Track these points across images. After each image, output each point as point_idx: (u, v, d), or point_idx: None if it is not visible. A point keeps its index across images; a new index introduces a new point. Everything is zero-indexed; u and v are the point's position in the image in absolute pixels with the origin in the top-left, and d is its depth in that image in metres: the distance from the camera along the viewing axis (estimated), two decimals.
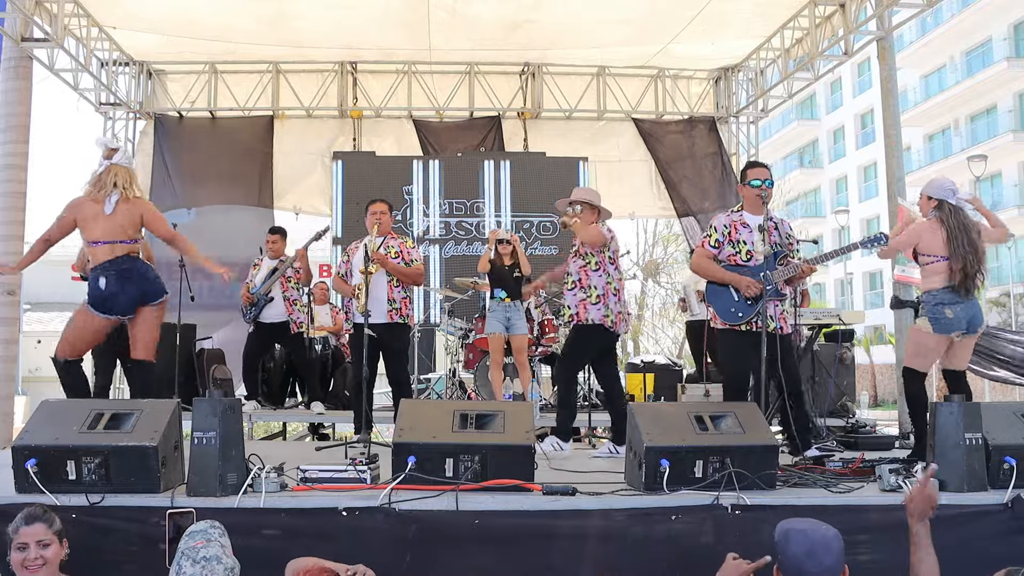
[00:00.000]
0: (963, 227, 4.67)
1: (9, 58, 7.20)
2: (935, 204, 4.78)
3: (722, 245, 4.86)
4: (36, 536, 2.85)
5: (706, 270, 4.93)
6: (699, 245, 5.03)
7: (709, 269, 4.89)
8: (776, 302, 4.76)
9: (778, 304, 4.78)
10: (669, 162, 10.33)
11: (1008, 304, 24.09)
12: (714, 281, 4.89)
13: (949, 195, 4.75)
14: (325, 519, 3.24)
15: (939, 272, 4.67)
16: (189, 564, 2.61)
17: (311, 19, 8.67)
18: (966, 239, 4.62)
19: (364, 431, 5.41)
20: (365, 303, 5.23)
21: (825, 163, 36.48)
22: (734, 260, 4.82)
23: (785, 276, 4.72)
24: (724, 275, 4.81)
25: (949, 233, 4.65)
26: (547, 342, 7.95)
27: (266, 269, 7.39)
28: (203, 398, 3.44)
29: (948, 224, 4.67)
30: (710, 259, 4.88)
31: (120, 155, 4.78)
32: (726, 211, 5.10)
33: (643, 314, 25.87)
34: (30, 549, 2.84)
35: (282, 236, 7.64)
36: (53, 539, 2.88)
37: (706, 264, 4.90)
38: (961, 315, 4.63)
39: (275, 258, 7.48)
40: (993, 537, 3.38)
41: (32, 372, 20.95)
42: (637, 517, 3.31)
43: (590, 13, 8.54)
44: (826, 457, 4.42)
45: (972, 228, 4.70)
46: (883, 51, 7.75)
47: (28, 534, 2.85)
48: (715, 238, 4.88)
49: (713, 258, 4.87)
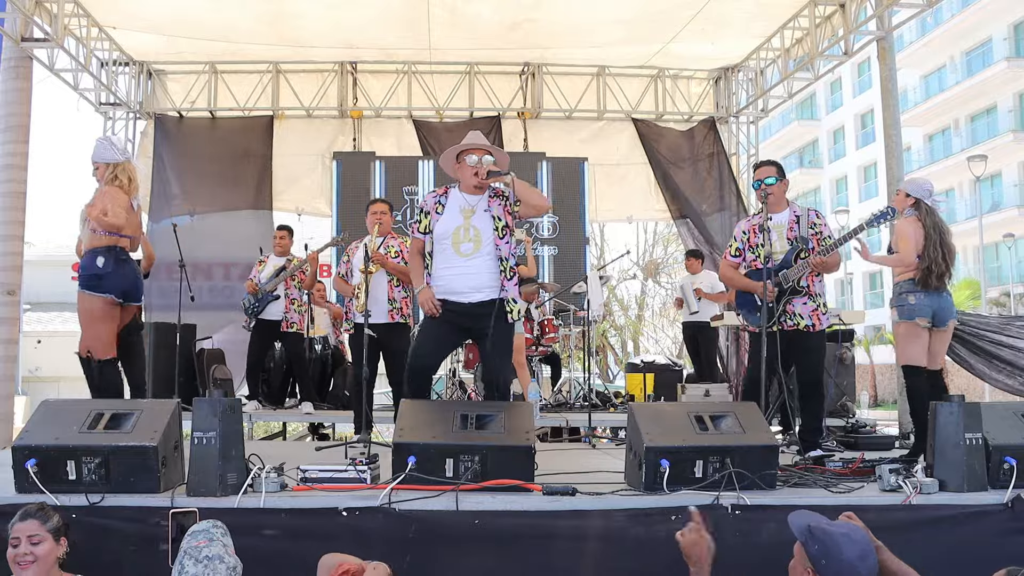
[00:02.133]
0: (938, 227, 4.81)
1: (9, 58, 7.19)
2: (912, 202, 4.88)
3: (743, 253, 4.95)
4: (27, 532, 2.87)
5: (730, 280, 5.09)
6: (724, 256, 5.15)
7: (733, 279, 5.02)
8: (803, 300, 4.78)
9: (805, 301, 4.80)
10: (667, 163, 10.32)
11: (1008, 304, 24.10)
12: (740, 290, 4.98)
13: (926, 195, 4.87)
14: (325, 519, 3.24)
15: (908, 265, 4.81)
16: (192, 563, 2.62)
17: (311, 18, 8.67)
18: (940, 240, 4.77)
19: (364, 431, 5.41)
20: (365, 303, 5.23)
21: (825, 163, 36.48)
22: (755, 265, 4.87)
23: (800, 274, 4.74)
24: (744, 283, 4.91)
25: (925, 232, 4.78)
26: (547, 342, 7.96)
27: (272, 266, 7.40)
28: (203, 398, 3.44)
29: (924, 223, 4.80)
30: (734, 268, 4.97)
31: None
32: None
33: (643, 314, 25.89)
34: (21, 544, 2.86)
35: (289, 233, 7.66)
36: (46, 536, 2.89)
37: (730, 274, 5.03)
38: (925, 303, 4.75)
39: (282, 255, 7.48)
40: (993, 537, 3.38)
41: (32, 372, 20.97)
42: (637, 517, 3.31)
43: (590, 13, 8.54)
44: (826, 457, 4.42)
45: (946, 231, 4.85)
46: (883, 51, 7.75)
47: (20, 530, 2.88)
48: (735, 247, 4.99)
49: (737, 267, 4.94)
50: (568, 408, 7.91)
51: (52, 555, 2.90)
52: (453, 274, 4.19)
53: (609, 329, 23.26)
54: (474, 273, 4.17)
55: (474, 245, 4.17)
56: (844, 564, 2.46)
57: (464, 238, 4.18)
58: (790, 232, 4.83)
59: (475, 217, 4.21)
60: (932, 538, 3.34)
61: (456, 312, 4.18)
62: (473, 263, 4.17)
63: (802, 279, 4.78)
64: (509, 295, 4.19)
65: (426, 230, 4.29)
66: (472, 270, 4.17)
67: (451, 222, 4.21)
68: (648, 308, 25.93)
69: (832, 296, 33.84)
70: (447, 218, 4.23)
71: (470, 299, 4.16)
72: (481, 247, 4.17)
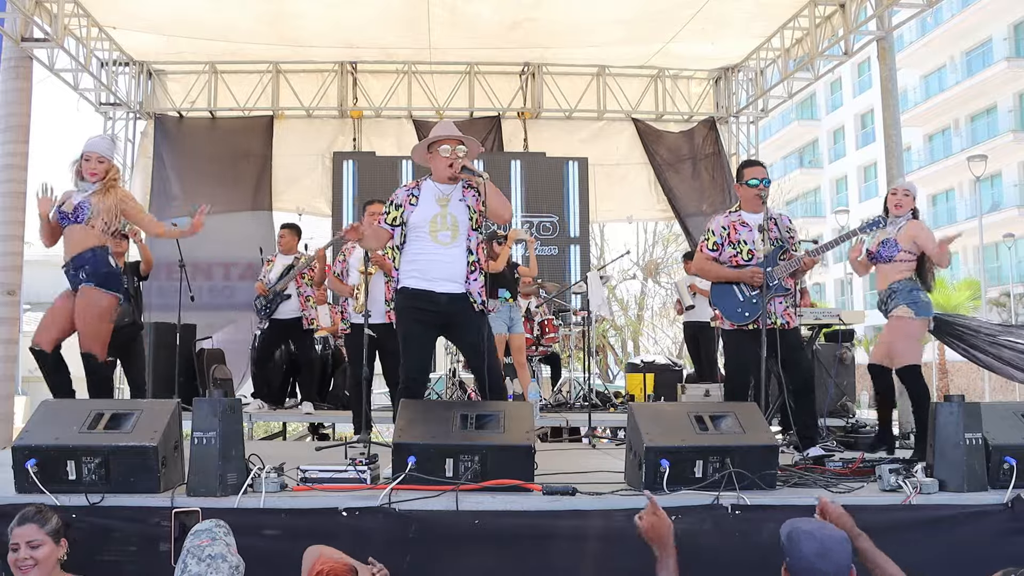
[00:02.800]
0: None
1: (9, 58, 7.19)
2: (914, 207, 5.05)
3: (721, 247, 4.87)
4: (26, 537, 2.87)
5: (708, 271, 4.96)
6: (698, 249, 5.06)
7: (712, 270, 4.92)
8: (780, 298, 4.78)
9: (782, 300, 4.80)
10: (667, 164, 10.33)
11: (1008, 304, 24.10)
12: (719, 281, 4.90)
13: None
14: (325, 519, 3.24)
15: (911, 267, 4.94)
16: (194, 562, 2.62)
17: (311, 18, 8.67)
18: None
19: (364, 431, 5.41)
20: (364, 303, 5.23)
21: (825, 163, 36.49)
22: (736, 261, 4.83)
23: (789, 271, 4.74)
24: (728, 273, 4.83)
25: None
26: (547, 342, 7.96)
27: (281, 265, 7.39)
28: (203, 398, 3.43)
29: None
30: (712, 261, 4.90)
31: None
32: (722, 212, 5.11)
33: (643, 314, 25.89)
34: (20, 550, 2.86)
35: (292, 231, 7.63)
36: (46, 540, 2.89)
37: (708, 266, 4.93)
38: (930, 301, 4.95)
39: (288, 254, 7.47)
40: (993, 537, 3.37)
41: (32, 372, 20.88)
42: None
43: (590, 12, 8.54)
44: (826, 457, 4.42)
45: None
46: (883, 51, 7.75)
47: (19, 535, 2.88)
48: (713, 241, 4.90)
49: (714, 261, 4.89)
50: (568, 408, 7.91)
51: (52, 557, 2.91)
52: (429, 260, 4.10)
53: (609, 329, 23.25)
54: (449, 262, 4.11)
55: (451, 234, 4.11)
56: (803, 562, 2.46)
57: (442, 226, 4.12)
58: (771, 233, 4.81)
59: (451, 205, 4.15)
60: (932, 538, 3.34)
61: (430, 310, 4.10)
62: (450, 252, 4.11)
63: (783, 280, 4.79)
64: (473, 289, 4.13)
65: (395, 222, 4.19)
66: (448, 258, 4.11)
67: (428, 210, 4.15)
68: (648, 308, 25.93)
69: (832, 296, 33.86)
70: (423, 207, 4.15)
71: (442, 289, 4.08)
72: (459, 236, 4.12)
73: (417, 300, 4.10)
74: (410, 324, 4.15)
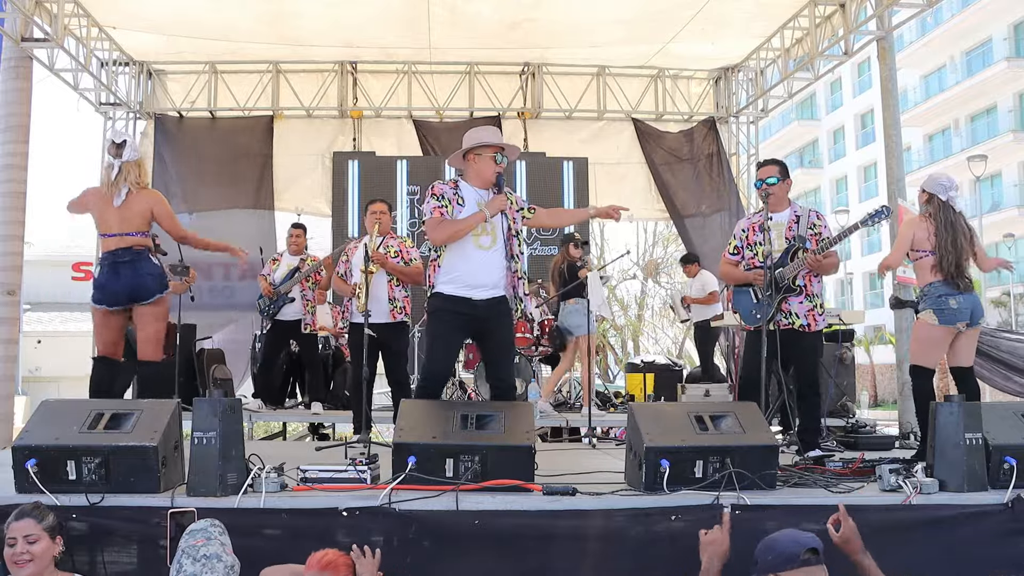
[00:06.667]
0: (950, 224, 4.64)
1: (9, 58, 7.19)
2: (926, 198, 4.77)
3: (741, 251, 4.99)
4: (23, 531, 2.89)
5: (728, 275, 5.16)
6: (723, 255, 5.20)
7: (731, 273, 5.07)
8: (799, 299, 4.79)
9: (803, 301, 4.80)
10: (666, 164, 10.32)
11: (1008, 304, 24.10)
12: (738, 284, 5.02)
13: (941, 191, 4.71)
14: (325, 519, 3.24)
15: (931, 266, 4.66)
16: (189, 562, 2.62)
17: (311, 17, 8.67)
18: (951, 240, 4.61)
19: (364, 431, 5.41)
20: (365, 303, 5.23)
21: (825, 163, 36.49)
22: (753, 263, 4.91)
23: (795, 271, 4.75)
24: (742, 275, 4.95)
25: (936, 228, 4.64)
26: (547, 342, 7.95)
27: (286, 265, 7.39)
28: (203, 398, 3.44)
29: (936, 219, 4.66)
30: (733, 266, 5.03)
31: (129, 151, 4.78)
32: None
33: (643, 314, 25.90)
34: (17, 544, 2.88)
35: (304, 232, 7.68)
36: (42, 535, 2.91)
37: (728, 269, 5.10)
38: (964, 305, 4.61)
39: (295, 254, 7.48)
40: (993, 537, 3.37)
41: (32, 372, 20.94)
42: (637, 517, 3.31)
43: (590, 12, 8.53)
44: (826, 457, 4.42)
45: (960, 230, 4.65)
46: (883, 51, 7.74)
47: (16, 529, 2.90)
48: (734, 245, 5.04)
49: (736, 265, 5.00)
50: (568, 408, 7.91)
51: (48, 554, 2.92)
52: (472, 267, 4.11)
53: (609, 329, 23.25)
54: (495, 266, 4.13)
55: (491, 239, 4.14)
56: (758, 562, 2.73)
57: (483, 231, 4.13)
58: (788, 231, 4.84)
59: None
60: (932, 538, 3.34)
61: (466, 314, 4.12)
62: (492, 256, 4.13)
63: (798, 278, 4.78)
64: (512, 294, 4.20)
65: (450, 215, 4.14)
66: (491, 264, 4.13)
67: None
68: (648, 308, 25.94)
69: (832, 296, 33.84)
70: (468, 212, 4.14)
71: (484, 296, 4.11)
72: (498, 241, 4.15)
73: (455, 304, 4.13)
74: (442, 325, 4.18)
